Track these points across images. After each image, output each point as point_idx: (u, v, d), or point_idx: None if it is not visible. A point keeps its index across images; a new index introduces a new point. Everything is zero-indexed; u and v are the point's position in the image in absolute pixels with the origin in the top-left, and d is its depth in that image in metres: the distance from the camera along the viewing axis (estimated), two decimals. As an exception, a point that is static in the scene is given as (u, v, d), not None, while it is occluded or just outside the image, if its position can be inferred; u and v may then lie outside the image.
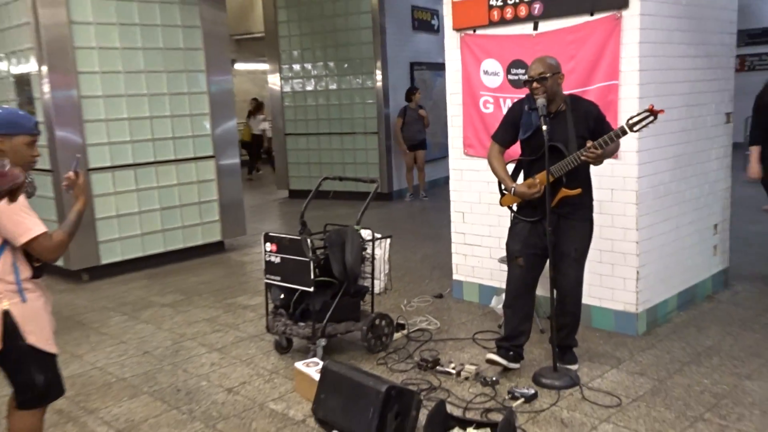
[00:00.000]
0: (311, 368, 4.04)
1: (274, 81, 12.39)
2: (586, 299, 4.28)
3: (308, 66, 11.99)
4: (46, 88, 6.60)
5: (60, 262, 6.46)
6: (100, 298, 6.44)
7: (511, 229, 4.25)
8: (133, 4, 7.11)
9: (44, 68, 6.58)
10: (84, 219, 3.03)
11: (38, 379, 2.89)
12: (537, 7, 4.92)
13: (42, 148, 5.91)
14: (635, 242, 4.70)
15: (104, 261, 7.11)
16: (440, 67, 12.26)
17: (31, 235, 2.73)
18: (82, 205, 2.95)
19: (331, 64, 11.72)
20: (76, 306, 6.22)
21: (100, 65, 6.91)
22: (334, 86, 11.74)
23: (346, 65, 11.59)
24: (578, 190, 3.96)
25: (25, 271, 2.84)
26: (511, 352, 4.23)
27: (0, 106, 2.89)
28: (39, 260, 2.89)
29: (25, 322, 2.81)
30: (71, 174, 2.97)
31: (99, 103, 6.94)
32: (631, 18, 4.52)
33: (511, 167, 4.21)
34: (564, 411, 3.76)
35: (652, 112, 3.70)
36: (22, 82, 7.03)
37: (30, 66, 6.84)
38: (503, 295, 5.07)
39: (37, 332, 2.86)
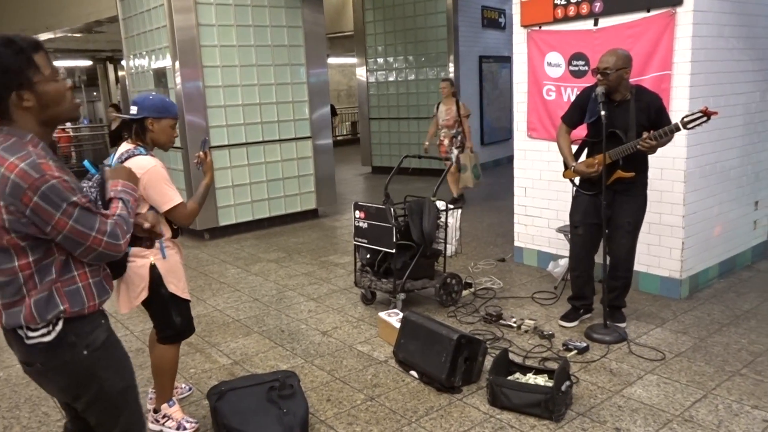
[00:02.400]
0: (392, 317, 4.08)
1: (361, 73, 12.38)
2: (635, 266, 4.14)
3: (390, 60, 11.90)
4: (179, 79, 6.80)
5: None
6: (219, 254, 6.66)
7: (573, 201, 4.16)
8: (248, 8, 7.20)
9: (177, 63, 6.77)
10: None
11: (176, 321, 3.02)
12: (597, 5, 4.70)
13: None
14: (681, 216, 4.50)
15: (222, 223, 7.32)
16: (506, 60, 12.02)
17: (171, 204, 2.82)
18: (209, 180, 3.01)
19: (411, 57, 11.60)
20: (200, 259, 6.46)
21: (221, 60, 7.05)
22: (412, 77, 11.63)
23: (423, 59, 11.44)
24: (632, 174, 3.81)
25: (167, 232, 2.94)
26: (582, 310, 4.24)
27: (150, 93, 2.97)
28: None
29: (166, 275, 2.93)
30: (201, 154, 3.05)
31: (219, 92, 7.09)
32: (684, 14, 4.27)
33: (576, 147, 4.11)
34: (613, 362, 3.66)
35: (706, 114, 3.52)
36: (159, 75, 7.27)
37: (166, 61, 7.05)
38: (559, 261, 5.00)
39: (176, 282, 2.97)
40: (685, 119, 3.57)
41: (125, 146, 2.90)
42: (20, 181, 1.65)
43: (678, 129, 3.60)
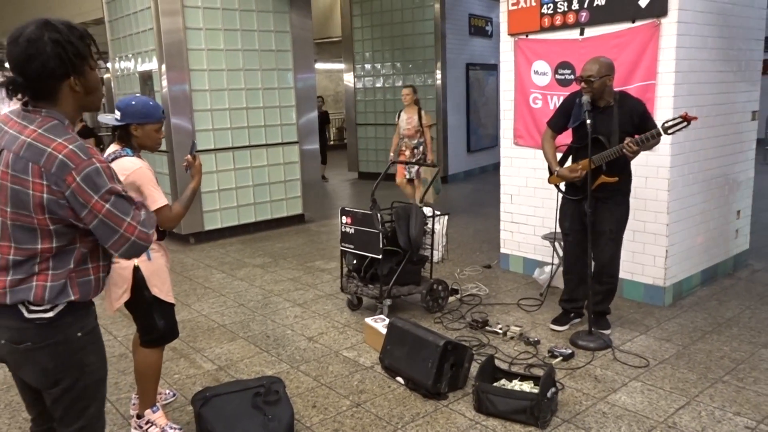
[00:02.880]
0: (378, 323, 4.07)
1: (348, 79, 12.40)
2: (619, 273, 4.18)
3: (378, 66, 11.94)
4: (165, 83, 6.76)
5: (172, 228, 6.68)
6: (204, 258, 6.62)
7: (560, 208, 4.20)
8: (236, 13, 7.19)
9: (163, 66, 6.74)
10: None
11: (160, 324, 2.99)
12: (584, 15, 4.76)
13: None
14: (665, 224, 4.55)
15: (207, 227, 7.29)
16: (492, 67, 12.11)
17: (156, 206, 2.79)
18: (196, 183, 2.97)
19: (398, 64, 11.64)
20: (185, 264, 6.42)
21: (208, 64, 7.03)
22: (399, 83, 11.64)
23: (410, 65, 11.49)
24: (615, 179, 3.86)
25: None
26: (572, 314, 4.29)
27: (134, 97, 2.94)
28: None
29: (150, 277, 2.90)
30: (189, 157, 3.02)
31: (206, 96, 7.07)
32: (669, 25, 4.34)
33: (560, 154, 4.14)
34: (598, 369, 3.69)
35: (686, 119, 3.57)
36: (146, 78, 7.23)
37: (152, 64, 7.02)
38: (545, 268, 5.04)
39: (160, 285, 2.95)
40: (666, 124, 3.63)
41: (113, 147, 2.88)
42: (69, 161, 1.69)
43: (660, 135, 3.65)
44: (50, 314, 1.81)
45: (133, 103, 2.86)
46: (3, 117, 1.85)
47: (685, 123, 3.59)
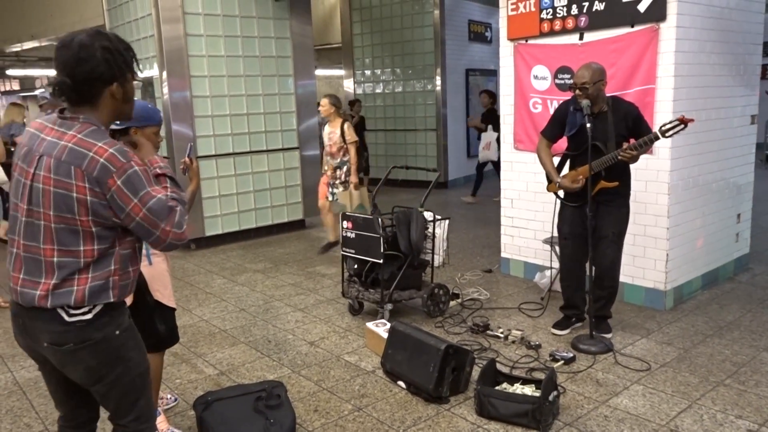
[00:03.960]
0: (380, 328, 4.07)
1: (348, 85, 12.44)
2: (620, 277, 4.18)
3: (378, 72, 11.98)
4: (166, 89, 6.78)
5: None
6: (205, 264, 6.62)
7: (559, 213, 4.20)
8: (236, 19, 7.21)
9: (164, 73, 6.76)
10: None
11: (161, 329, 2.99)
12: (583, 20, 4.78)
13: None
14: (666, 228, 4.56)
15: (208, 233, 7.29)
16: (492, 73, 12.13)
17: None
18: (195, 186, 2.97)
19: (398, 70, 11.68)
20: (186, 269, 6.41)
21: (209, 70, 7.05)
22: (399, 89, 11.70)
23: (410, 71, 11.53)
24: (615, 183, 3.86)
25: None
26: (573, 318, 4.29)
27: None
28: None
29: (152, 282, 2.91)
30: (186, 159, 3.02)
31: (207, 102, 7.09)
32: (667, 30, 4.35)
33: (557, 160, 4.15)
34: (599, 373, 3.68)
35: (683, 122, 3.58)
36: (147, 85, 7.25)
37: (153, 71, 7.04)
38: (545, 272, 5.04)
39: (162, 290, 2.95)
40: (663, 128, 3.63)
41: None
42: (109, 165, 1.76)
43: (657, 138, 3.65)
44: (89, 316, 1.87)
45: None
46: (36, 125, 1.91)
47: (682, 126, 3.59)
